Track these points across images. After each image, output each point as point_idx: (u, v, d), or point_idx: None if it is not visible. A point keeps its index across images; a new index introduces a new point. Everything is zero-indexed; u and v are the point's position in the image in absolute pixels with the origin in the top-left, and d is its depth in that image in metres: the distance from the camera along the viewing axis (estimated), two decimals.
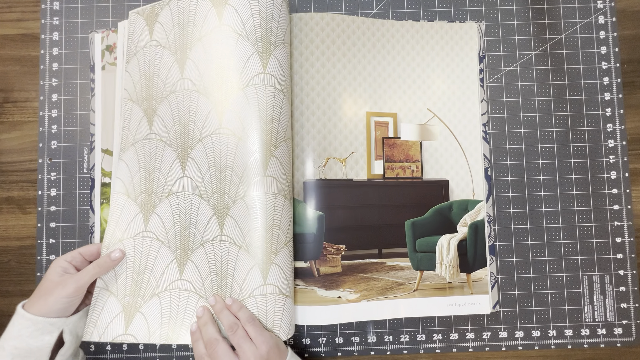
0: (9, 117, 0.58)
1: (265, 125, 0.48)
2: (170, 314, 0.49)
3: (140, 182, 0.52)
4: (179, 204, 0.51)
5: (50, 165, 0.57)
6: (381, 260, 0.55)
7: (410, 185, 0.56)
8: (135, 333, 0.49)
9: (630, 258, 0.56)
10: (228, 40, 0.49)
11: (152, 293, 0.50)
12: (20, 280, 0.56)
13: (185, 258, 0.50)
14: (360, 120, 0.55)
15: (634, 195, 0.57)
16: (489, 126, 0.57)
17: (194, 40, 0.50)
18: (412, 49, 0.57)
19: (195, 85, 0.50)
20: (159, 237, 0.51)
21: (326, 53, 0.55)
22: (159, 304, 0.50)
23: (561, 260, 0.56)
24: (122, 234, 0.52)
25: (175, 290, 0.50)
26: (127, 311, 0.50)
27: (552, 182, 0.57)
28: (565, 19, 0.58)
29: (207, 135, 0.49)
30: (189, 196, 0.50)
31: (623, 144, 0.57)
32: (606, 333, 0.55)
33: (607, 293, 0.56)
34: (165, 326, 0.49)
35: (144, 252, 0.51)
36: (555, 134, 0.57)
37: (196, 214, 0.50)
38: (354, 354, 0.55)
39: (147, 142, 0.53)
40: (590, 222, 0.56)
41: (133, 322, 0.49)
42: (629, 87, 0.58)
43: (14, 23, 0.59)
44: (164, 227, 0.51)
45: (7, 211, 0.57)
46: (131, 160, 0.53)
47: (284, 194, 0.49)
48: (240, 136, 0.48)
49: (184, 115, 0.51)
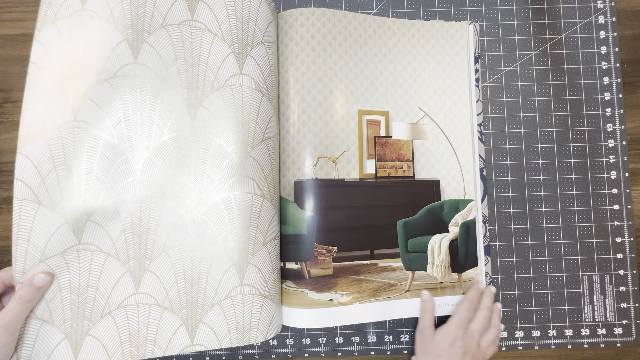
0: (9, 117, 0.58)
1: (241, 126, 0.47)
2: (130, 332, 0.45)
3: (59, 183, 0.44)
4: (131, 211, 0.45)
5: None
6: (373, 261, 0.54)
7: (402, 185, 0.56)
8: (89, 359, 0.44)
9: (630, 258, 0.56)
10: (202, 39, 0.48)
11: (102, 313, 0.44)
12: None
13: (141, 269, 0.45)
14: (352, 119, 0.55)
15: (634, 195, 0.57)
16: (488, 126, 0.57)
17: (155, 25, 0.46)
18: (403, 46, 0.57)
19: (157, 74, 0.46)
20: (102, 248, 0.44)
21: (317, 49, 0.54)
22: (113, 323, 0.44)
23: (561, 260, 0.56)
24: (41, 253, 0.43)
25: (132, 306, 0.45)
26: (72, 337, 0.44)
27: (552, 182, 0.57)
28: (565, 19, 0.58)
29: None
30: (148, 199, 0.46)
31: (623, 144, 0.57)
32: (606, 333, 0.55)
33: (607, 293, 0.56)
34: (127, 344, 0.45)
35: (83, 268, 0.44)
36: (555, 133, 0.57)
37: (157, 219, 0.46)
38: (354, 354, 0.55)
39: (64, 131, 0.44)
40: (590, 222, 0.56)
41: (83, 347, 0.44)
42: (629, 87, 0.58)
43: (14, 23, 0.59)
44: (109, 236, 0.45)
45: (7, 211, 0.57)
46: (40, 153, 0.43)
47: (261, 194, 0.49)
48: (214, 137, 0.47)
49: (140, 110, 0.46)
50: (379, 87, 0.56)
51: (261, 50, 0.49)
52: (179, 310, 0.46)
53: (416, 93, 0.56)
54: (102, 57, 0.45)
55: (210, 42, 0.48)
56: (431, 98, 0.56)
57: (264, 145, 0.49)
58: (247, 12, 0.49)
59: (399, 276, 0.55)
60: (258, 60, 0.49)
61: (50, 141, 0.43)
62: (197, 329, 0.46)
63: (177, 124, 0.47)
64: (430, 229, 0.55)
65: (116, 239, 0.45)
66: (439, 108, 0.57)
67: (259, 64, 0.49)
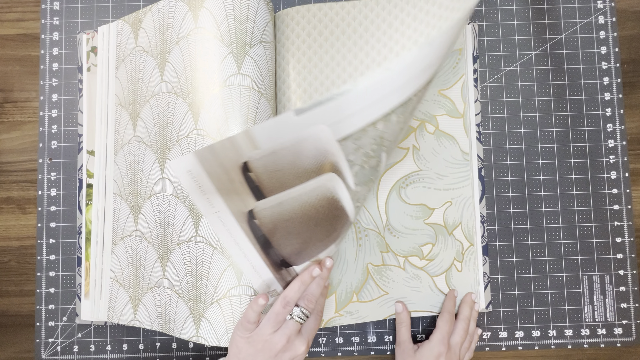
0: (9, 117, 0.58)
1: (239, 127, 0.47)
2: (161, 308, 0.51)
3: (128, 183, 0.54)
4: (159, 205, 0.51)
5: (50, 165, 0.57)
6: None
7: None
8: (141, 319, 0.52)
9: (630, 258, 0.56)
10: (203, 43, 0.48)
11: (147, 287, 0.52)
12: (20, 280, 0.56)
13: (165, 258, 0.51)
14: None
15: (634, 195, 0.57)
16: (488, 126, 0.57)
17: (172, 44, 0.51)
18: (396, 30, 0.54)
19: (173, 87, 0.50)
20: (146, 236, 0.52)
21: (313, 47, 0.54)
22: (152, 298, 0.52)
23: (561, 260, 0.56)
24: (122, 232, 0.54)
25: (162, 287, 0.51)
26: (133, 301, 0.53)
27: (552, 182, 0.57)
28: (565, 19, 0.58)
29: (183, 137, 0.49)
30: (167, 197, 0.50)
31: (623, 144, 0.57)
32: (606, 333, 0.55)
33: (607, 293, 0.56)
34: (160, 318, 0.51)
35: (137, 250, 0.53)
36: (555, 134, 0.57)
37: (173, 215, 0.50)
38: (354, 354, 0.55)
39: (131, 144, 0.54)
40: (590, 222, 0.56)
41: (138, 310, 0.52)
42: (629, 87, 0.58)
43: (14, 23, 0.59)
44: (149, 227, 0.52)
45: (7, 211, 0.57)
46: (120, 162, 0.55)
47: None
48: (214, 138, 0.48)
49: (163, 118, 0.51)
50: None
51: (260, 50, 0.49)
52: (188, 301, 0.49)
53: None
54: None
55: (209, 43, 0.49)
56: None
57: None
58: (245, 11, 0.49)
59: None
60: (257, 60, 0.49)
61: (125, 153, 0.54)
62: (201, 322, 0.48)
63: (184, 129, 0.49)
64: None
65: (152, 229, 0.52)
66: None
67: (258, 64, 0.49)
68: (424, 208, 0.55)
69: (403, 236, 0.55)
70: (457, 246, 0.55)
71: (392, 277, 0.54)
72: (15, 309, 0.56)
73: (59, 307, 0.55)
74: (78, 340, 0.55)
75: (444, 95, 0.56)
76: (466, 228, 0.55)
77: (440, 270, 0.55)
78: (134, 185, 0.53)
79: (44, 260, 0.56)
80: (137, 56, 0.54)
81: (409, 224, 0.55)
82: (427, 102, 0.56)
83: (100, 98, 0.56)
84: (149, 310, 0.52)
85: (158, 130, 0.51)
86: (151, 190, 0.52)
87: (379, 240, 0.55)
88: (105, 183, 0.55)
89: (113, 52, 0.56)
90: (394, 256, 0.54)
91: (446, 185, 0.55)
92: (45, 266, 0.56)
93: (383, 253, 0.54)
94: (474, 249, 0.55)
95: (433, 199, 0.55)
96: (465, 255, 0.55)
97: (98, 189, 0.56)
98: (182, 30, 0.50)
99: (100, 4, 0.58)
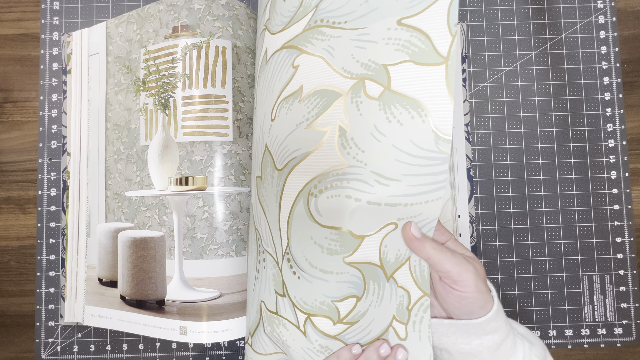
0: (9, 117, 0.58)
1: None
2: None
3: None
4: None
5: (50, 165, 0.57)
6: None
7: None
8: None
9: (630, 258, 0.56)
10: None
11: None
12: (20, 280, 0.56)
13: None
14: None
15: (634, 195, 0.57)
16: (488, 126, 0.57)
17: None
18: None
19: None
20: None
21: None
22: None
23: (561, 260, 0.56)
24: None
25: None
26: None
27: (552, 182, 0.57)
28: (565, 19, 0.58)
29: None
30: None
31: (623, 144, 0.57)
32: (606, 333, 0.55)
33: (607, 293, 0.56)
34: None
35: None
36: (555, 133, 0.57)
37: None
38: None
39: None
40: (590, 222, 0.56)
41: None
42: (629, 87, 0.58)
43: (14, 23, 0.59)
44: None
45: (7, 211, 0.57)
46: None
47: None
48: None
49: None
50: None
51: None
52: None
53: None
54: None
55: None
56: None
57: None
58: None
59: None
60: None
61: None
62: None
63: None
64: None
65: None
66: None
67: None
68: (346, 235, 0.32)
69: (307, 279, 0.33)
70: (400, 298, 0.33)
71: (286, 337, 0.34)
72: (15, 309, 0.56)
73: (58, 307, 0.55)
74: (78, 340, 0.55)
75: (410, 27, 0.30)
76: (418, 267, 0.32)
77: (369, 339, 0.33)
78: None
79: (44, 260, 0.56)
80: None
81: (317, 261, 0.32)
82: (370, 44, 0.31)
83: (74, 102, 0.56)
84: None
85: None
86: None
87: (275, 274, 0.34)
88: (79, 186, 0.55)
89: (87, 58, 0.55)
90: (292, 308, 0.33)
91: (394, 194, 0.31)
92: (45, 266, 0.56)
93: (278, 295, 0.34)
94: (428, 302, 0.33)
95: (365, 220, 0.32)
96: (412, 312, 0.33)
97: (73, 192, 0.56)
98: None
99: (100, 4, 0.58)
